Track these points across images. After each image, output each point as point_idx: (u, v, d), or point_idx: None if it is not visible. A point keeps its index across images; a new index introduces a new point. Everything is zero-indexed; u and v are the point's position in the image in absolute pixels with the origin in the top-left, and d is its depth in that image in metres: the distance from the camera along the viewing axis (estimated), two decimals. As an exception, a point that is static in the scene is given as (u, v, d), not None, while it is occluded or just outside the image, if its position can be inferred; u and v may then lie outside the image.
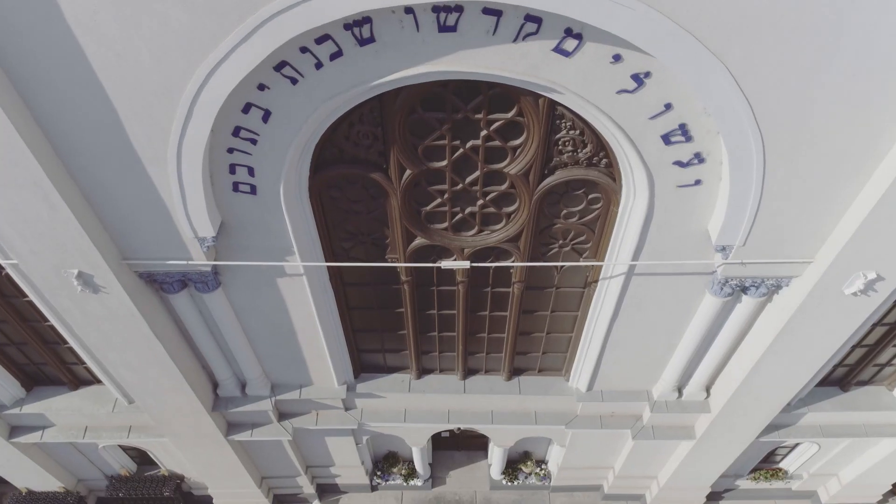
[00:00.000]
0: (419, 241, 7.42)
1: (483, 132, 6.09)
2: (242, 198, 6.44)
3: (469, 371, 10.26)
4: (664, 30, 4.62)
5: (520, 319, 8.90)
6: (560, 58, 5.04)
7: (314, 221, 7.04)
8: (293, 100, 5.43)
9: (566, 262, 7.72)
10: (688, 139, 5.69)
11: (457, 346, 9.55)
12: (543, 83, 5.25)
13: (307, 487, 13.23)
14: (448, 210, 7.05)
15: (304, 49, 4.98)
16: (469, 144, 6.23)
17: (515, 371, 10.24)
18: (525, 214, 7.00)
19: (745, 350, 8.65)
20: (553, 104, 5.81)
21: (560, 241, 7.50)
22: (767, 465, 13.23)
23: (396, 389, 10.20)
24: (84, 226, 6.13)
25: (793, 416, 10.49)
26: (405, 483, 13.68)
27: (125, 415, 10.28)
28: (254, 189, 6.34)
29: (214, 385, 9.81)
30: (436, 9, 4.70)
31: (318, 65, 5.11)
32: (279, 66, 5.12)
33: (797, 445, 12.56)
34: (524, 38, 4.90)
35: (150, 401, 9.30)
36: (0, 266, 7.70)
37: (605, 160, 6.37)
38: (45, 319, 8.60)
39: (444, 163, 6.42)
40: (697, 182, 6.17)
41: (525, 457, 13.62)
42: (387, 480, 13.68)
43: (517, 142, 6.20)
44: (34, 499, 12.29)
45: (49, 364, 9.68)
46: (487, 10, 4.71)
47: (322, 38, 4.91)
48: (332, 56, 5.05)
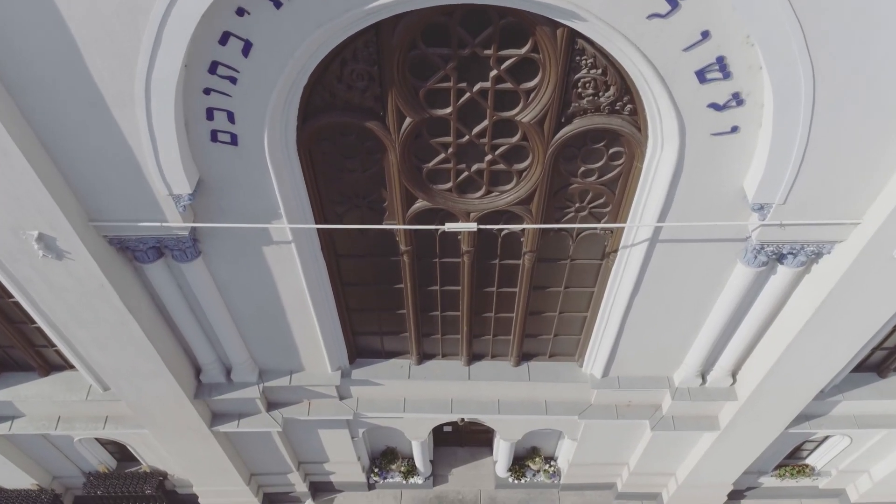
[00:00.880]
0: (420, 205, 6.88)
1: (493, 72, 5.54)
2: (222, 149, 5.90)
3: (474, 356, 9.72)
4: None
5: (530, 297, 8.36)
6: (583, -27, 4.50)
7: (303, 180, 6.50)
8: (277, 28, 4.89)
9: (584, 225, 7.14)
10: (726, 76, 5.14)
11: (461, 328, 9.01)
12: (564, 5, 4.71)
13: (299, 485, 12.70)
14: (452, 167, 6.51)
15: (289, -38, 4.45)
16: (477, 87, 5.68)
17: (524, 356, 9.70)
18: (538, 172, 6.45)
19: (778, 329, 8.12)
20: (572, 37, 5.27)
21: (577, 205, 6.96)
22: (793, 462, 12.71)
23: (395, 376, 9.67)
24: (42, 178, 5.58)
25: (826, 405, 9.95)
26: (404, 481, 13.16)
27: (100, 403, 9.75)
28: (234, 139, 5.79)
29: (197, 370, 9.28)
30: None
31: (305, -18, 4.58)
32: (260, -16, 4.58)
33: (826, 439, 12.02)
34: (543, -52, 4.37)
35: (126, 386, 8.76)
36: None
37: (630, 106, 5.82)
38: (10, 296, 8.05)
39: (449, 110, 5.88)
40: (734, 129, 5.63)
41: (533, 453, 13.10)
42: (385, 478, 13.15)
43: (531, 84, 5.66)
44: (5, 497, 11.76)
45: (16, 347, 9.13)
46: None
47: (309, -52, 4.38)
48: (321, -29, 4.52)
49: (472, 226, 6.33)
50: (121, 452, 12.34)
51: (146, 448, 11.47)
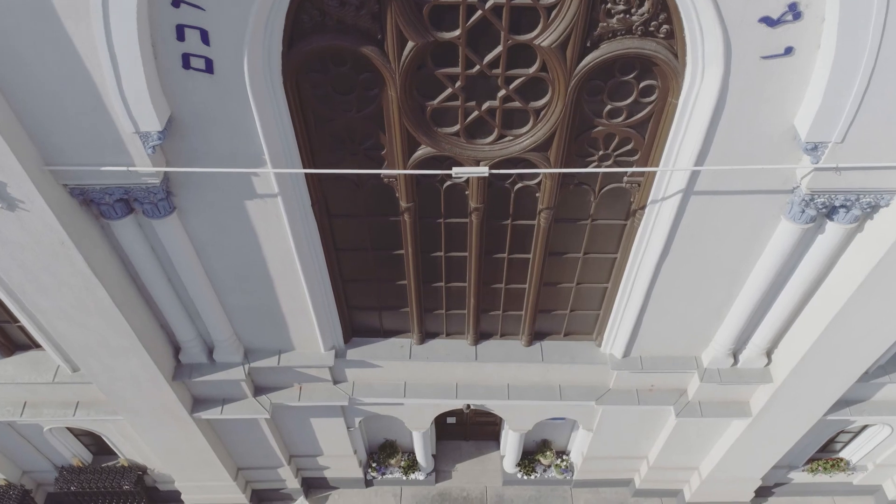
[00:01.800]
0: (424, 151, 6.26)
1: (509, -17, 4.92)
2: (196, 79, 5.28)
3: (481, 335, 9.10)
4: None
5: (545, 264, 7.73)
6: None
7: (290, 119, 5.88)
8: (256, -82, 4.27)
9: (611, 169, 6.47)
10: (783, -20, 4.53)
11: (468, 301, 8.39)
12: None
13: (291, 481, 12.07)
14: (461, 105, 5.88)
15: None
16: (490, 3, 5.05)
17: (537, 335, 9.07)
18: (558, 110, 5.82)
19: (823, 299, 7.51)
20: (603, -63, 4.65)
21: (601, 152, 6.33)
22: (826, 455, 12.07)
23: (395, 357, 9.04)
24: (-14, 108, 4.97)
25: (869, 388, 9.34)
26: (404, 477, 12.55)
27: (70, 387, 9.14)
28: (210, 65, 5.18)
29: (176, 349, 8.65)
30: None
31: None
32: None
33: (863, 429, 11.39)
34: None
35: (96, 366, 8.13)
36: None
37: (667, 27, 5.20)
38: (-37, 261, 7.42)
39: (457, 32, 5.25)
40: (788, 51, 5.01)
41: (543, 446, 12.48)
42: (383, 474, 12.54)
43: (553, -1, 5.04)
44: (-30, 493, 11.17)
45: (-25, 323, 8.53)
46: None
47: None
48: None
49: (484, 170, 5.70)
50: (97, 445, 11.72)
51: (123, 439, 10.84)
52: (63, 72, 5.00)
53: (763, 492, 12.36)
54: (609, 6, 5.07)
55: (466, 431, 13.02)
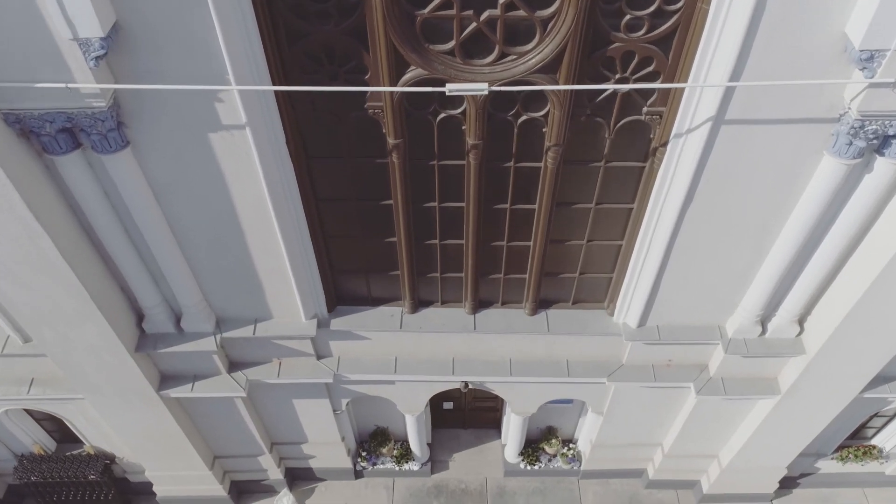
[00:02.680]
0: (414, 73, 5.61)
1: None
2: (144, -26, 4.63)
3: (480, 303, 8.46)
4: None
5: (552, 216, 7.08)
6: None
7: (258, 33, 5.24)
8: None
9: (631, 86, 5.77)
10: None
11: (465, 262, 7.75)
12: None
13: (273, 472, 11.42)
14: (456, 15, 5.23)
15: None
16: None
17: (542, 303, 8.44)
18: (569, 20, 5.17)
19: (866, 254, 6.89)
20: None
21: (618, 75, 5.67)
22: (857, 442, 11.44)
23: (384, 327, 8.41)
24: None
25: (912, 360, 8.69)
26: (397, 467, 11.92)
27: (22, 361, 8.51)
28: (160, -43, 4.52)
29: (139, 316, 8.00)
30: None
31: None
32: None
33: (899, 414, 10.78)
34: None
35: (49, 334, 7.49)
36: None
37: None
38: None
39: (451, -83, 4.61)
40: (842, -65, 4.37)
41: (549, 434, 11.85)
42: (374, 464, 11.92)
43: None
44: (-79, 484, 10.51)
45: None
46: None
47: None
48: None
49: (482, 86, 5.03)
50: (60, 431, 11.07)
51: (87, 423, 10.17)
52: (-18, -42, 4.36)
53: (788, 483, 11.73)
54: None
55: (465, 418, 12.39)
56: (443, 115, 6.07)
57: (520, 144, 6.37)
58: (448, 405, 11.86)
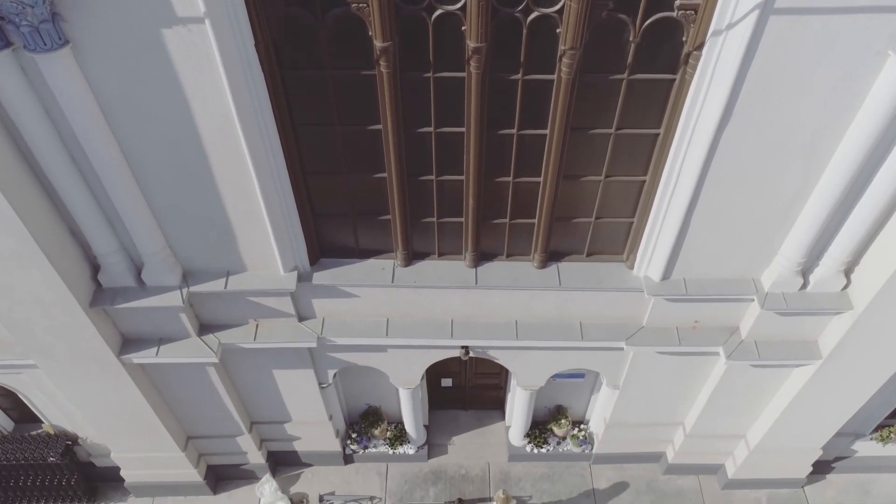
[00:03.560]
0: (403, -46, 4.86)
1: None
2: None
3: (483, 255, 7.72)
4: None
5: (565, 145, 6.34)
6: None
7: None
8: None
9: None
10: None
11: (465, 204, 7.02)
12: None
13: (254, 455, 10.71)
14: None
15: None
16: None
17: (553, 254, 7.73)
18: None
19: (930, 185, 6.13)
20: None
21: (646, -44, 4.94)
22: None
23: (374, 282, 7.68)
24: None
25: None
26: (391, 451, 11.25)
27: (-37, 321, 7.73)
28: None
29: (95, 268, 7.25)
30: None
31: None
32: None
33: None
34: None
35: (-13, 284, 6.76)
36: None
37: None
38: None
39: None
40: None
41: (558, 413, 11.18)
42: (366, 447, 11.24)
43: None
44: None
45: None
46: None
47: None
48: None
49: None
50: (18, 409, 10.34)
51: (44, 397, 9.45)
52: None
53: (820, 468, 11.03)
54: None
55: (465, 398, 11.71)
56: (439, 12, 5.32)
57: (529, 50, 5.61)
58: (447, 382, 11.17)
